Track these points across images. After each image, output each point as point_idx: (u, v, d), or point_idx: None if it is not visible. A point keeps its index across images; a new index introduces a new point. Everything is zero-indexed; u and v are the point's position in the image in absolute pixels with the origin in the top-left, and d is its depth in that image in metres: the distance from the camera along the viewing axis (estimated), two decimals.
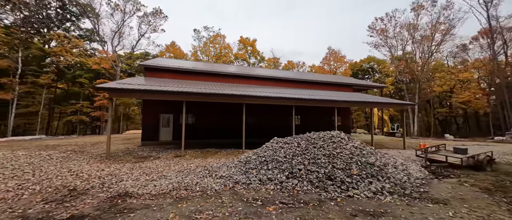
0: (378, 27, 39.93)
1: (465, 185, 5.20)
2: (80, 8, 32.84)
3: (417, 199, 4.18)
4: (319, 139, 6.42)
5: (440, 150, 9.34)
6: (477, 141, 22.63)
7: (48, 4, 32.25)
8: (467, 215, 3.44)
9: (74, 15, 33.16)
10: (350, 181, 4.75)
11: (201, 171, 6.21)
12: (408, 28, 36.05)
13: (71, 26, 35.56)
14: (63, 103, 32.25)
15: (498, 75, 28.14)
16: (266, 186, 4.92)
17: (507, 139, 23.26)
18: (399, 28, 37.43)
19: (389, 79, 45.55)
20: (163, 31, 39.40)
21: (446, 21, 33.35)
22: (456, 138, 26.89)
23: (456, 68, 39.49)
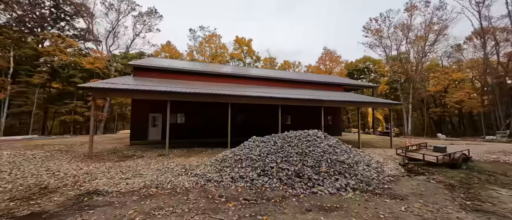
0: (373, 27, 40.22)
1: (431, 182, 5.33)
2: (74, 8, 32.72)
3: (377, 195, 4.30)
4: (294, 138, 6.53)
5: (421, 149, 9.50)
6: (467, 140, 22.86)
7: (41, 3, 32.06)
8: (418, 210, 3.57)
9: (68, 14, 33.00)
10: (317, 178, 4.86)
11: (178, 170, 6.30)
12: (402, 28, 36.34)
13: (65, 25, 35.41)
14: (57, 103, 32.11)
15: (490, 75, 28.44)
16: (236, 184, 5.02)
17: (498, 139, 23.55)
18: (393, 29, 37.75)
19: (384, 79, 45.85)
20: (158, 31, 39.40)
21: (439, 22, 33.69)
22: (448, 137, 27.14)
23: (449, 68, 39.81)
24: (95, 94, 8.22)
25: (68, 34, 34.01)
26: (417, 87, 37.68)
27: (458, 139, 25.27)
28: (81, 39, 35.57)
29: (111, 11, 34.93)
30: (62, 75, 31.98)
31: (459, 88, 37.22)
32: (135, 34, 37.24)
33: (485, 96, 31.11)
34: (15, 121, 28.86)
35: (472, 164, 7.97)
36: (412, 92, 36.54)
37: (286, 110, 17.30)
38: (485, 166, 8.03)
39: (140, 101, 13.51)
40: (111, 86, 8.08)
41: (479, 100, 32.60)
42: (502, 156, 10.07)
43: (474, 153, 11.15)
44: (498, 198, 4.22)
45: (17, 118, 29.01)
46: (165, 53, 41.23)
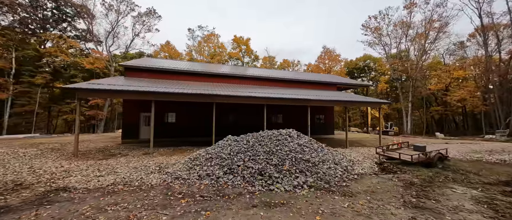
0: (372, 25, 39.77)
1: (393, 180, 5.43)
2: (74, 9, 33.40)
3: (330, 192, 4.43)
4: (266, 137, 6.68)
5: (402, 148, 9.53)
6: (466, 139, 22.58)
7: (43, 5, 32.83)
8: (360, 206, 3.70)
9: (68, 15, 33.71)
10: (278, 176, 5.02)
11: (152, 168, 6.54)
12: (401, 26, 35.84)
13: (67, 26, 36.17)
14: (60, 102, 32.94)
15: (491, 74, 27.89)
16: (202, 182, 5.22)
17: (497, 138, 23.16)
18: (392, 26, 37.27)
19: (385, 77, 45.37)
20: (157, 31, 39.90)
21: (440, 19, 33.10)
22: (446, 136, 26.80)
23: (450, 66, 39.12)
24: (79, 94, 8.51)
25: (70, 35, 34.80)
26: (417, 85, 37.17)
27: (456, 138, 24.93)
28: (82, 40, 36.33)
29: (110, 12, 35.55)
30: (64, 75, 32.79)
31: (462, 86, 36.58)
32: (134, 34, 37.83)
33: (486, 95, 30.50)
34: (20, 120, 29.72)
35: (449, 163, 7.98)
36: (412, 91, 36.09)
37: (278, 110, 17.44)
38: (464, 165, 8.03)
39: (132, 101, 13.85)
40: (94, 87, 8.37)
41: (481, 98, 32.02)
42: (487, 155, 10.01)
43: (460, 152, 11.11)
44: (448, 196, 4.30)
45: (22, 118, 29.88)
46: (165, 53, 41.70)
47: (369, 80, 51.33)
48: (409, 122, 35.44)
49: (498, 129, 25.08)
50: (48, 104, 32.95)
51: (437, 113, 41.36)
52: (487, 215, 3.41)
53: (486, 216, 3.39)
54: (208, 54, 41.20)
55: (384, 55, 40.99)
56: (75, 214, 3.34)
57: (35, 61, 29.49)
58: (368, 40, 41.03)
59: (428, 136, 30.02)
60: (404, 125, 36.57)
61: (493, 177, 6.22)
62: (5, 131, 24.08)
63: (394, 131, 32.23)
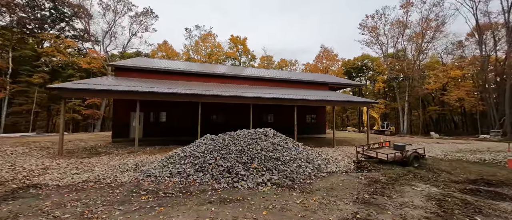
0: (369, 24, 39.73)
1: (360, 178, 5.55)
2: (71, 9, 33.67)
3: (291, 189, 4.56)
4: (241, 136, 6.81)
5: (384, 147, 9.62)
6: (460, 139, 22.61)
7: (41, 5, 33.12)
8: (312, 202, 3.82)
9: (66, 16, 33.97)
10: (244, 174, 5.15)
11: (129, 166, 6.70)
12: (398, 25, 35.78)
13: (65, 26, 36.44)
14: (58, 101, 33.24)
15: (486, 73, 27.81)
16: (172, 179, 5.36)
17: (490, 137, 23.13)
18: (389, 26, 37.20)
19: (382, 77, 45.30)
20: (155, 31, 40.13)
21: (437, 18, 32.99)
22: (441, 136, 26.78)
23: (448, 65, 39.00)
24: (64, 94, 8.69)
25: (68, 34, 35.10)
26: (414, 85, 37.10)
27: (450, 138, 24.92)
28: (80, 40, 36.62)
29: (108, 11, 35.81)
30: (63, 74, 33.09)
31: (460, 86, 36.46)
32: (131, 34, 38.09)
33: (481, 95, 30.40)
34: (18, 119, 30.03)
35: (425, 161, 8.07)
36: (409, 90, 36.05)
37: (269, 109, 17.55)
38: (441, 163, 8.12)
39: (122, 101, 14.03)
40: (77, 87, 8.54)
41: (477, 98, 31.91)
42: (469, 154, 10.07)
43: (444, 151, 11.17)
44: (404, 193, 4.40)
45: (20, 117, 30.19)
46: (162, 53, 41.91)
47: (367, 80, 51.29)
48: (405, 121, 35.42)
49: (493, 129, 25.03)
50: (47, 103, 33.27)
51: (435, 113, 41.28)
52: (429, 211, 3.51)
53: (428, 211, 3.50)
54: (205, 53, 41.34)
55: (382, 55, 40.96)
56: (34, 209, 3.49)
57: (32, 61, 29.78)
58: (365, 39, 41.02)
59: (423, 136, 30.00)
60: (401, 125, 36.56)
61: (463, 176, 6.31)
62: (2, 129, 24.40)
63: (391, 130, 32.21)
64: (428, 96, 41.53)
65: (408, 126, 36.65)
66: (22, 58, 28.85)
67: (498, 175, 6.36)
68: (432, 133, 28.12)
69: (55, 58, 31.88)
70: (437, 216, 3.34)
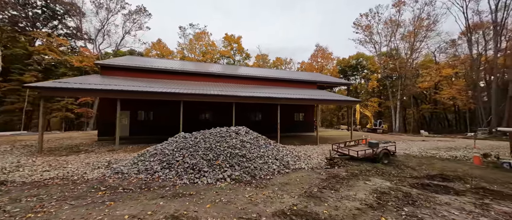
0: (363, 23, 39.92)
1: (321, 174, 5.74)
2: (63, 7, 33.47)
3: (248, 184, 4.76)
4: (213, 134, 6.97)
5: (359, 144, 9.84)
6: (447, 137, 22.98)
7: (33, 3, 32.89)
8: (261, 196, 4.01)
9: (58, 14, 33.78)
10: (207, 170, 5.32)
11: (102, 164, 6.85)
12: (391, 24, 35.99)
13: (58, 24, 36.23)
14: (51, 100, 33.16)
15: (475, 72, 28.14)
16: (139, 176, 5.52)
17: (478, 135, 23.47)
18: (382, 25, 37.42)
19: (375, 75, 45.60)
20: (148, 29, 40.05)
21: (429, 17, 33.24)
22: (430, 134, 27.15)
23: (440, 64, 39.35)
24: (42, 93, 8.78)
25: (61, 33, 34.94)
26: (406, 83, 37.43)
27: (439, 136, 25.29)
28: (73, 38, 36.45)
29: (100, 10, 35.65)
30: (56, 73, 32.98)
31: (452, 84, 36.83)
32: (124, 32, 37.97)
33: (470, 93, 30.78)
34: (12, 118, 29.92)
35: (395, 158, 8.30)
36: (401, 89, 36.37)
37: (257, 108, 17.71)
38: (412, 160, 8.37)
39: (108, 99, 14.10)
40: (56, 86, 8.64)
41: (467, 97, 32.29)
42: (444, 152, 10.32)
43: (422, 149, 11.42)
44: (354, 187, 4.60)
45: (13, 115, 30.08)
46: (156, 51, 41.83)
47: (361, 78, 51.58)
48: (398, 120, 35.78)
49: (480, 127, 25.40)
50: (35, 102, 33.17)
51: (427, 111, 41.70)
52: (365, 203, 3.71)
53: (363, 203, 3.70)
54: (199, 52, 41.33)
55: (375, 53, 41.21)
56: None
57: (24, 59, 29.65)
58: (359, 38, 41.24)
59: (414, 134, 30.37)
60: (393, 123, 36.93)
61: (425, 171, 6.54)
62: None
63: (383, 129, 32.52)
64: (421, 94, 41.93)
65: (400, 124, 37.03)
66: (14, 57, 28.70)
67: (458, 171, 6.60)
68: (422, 131, 28.48)
69: (47, 57, 31.72)
70: (369, 208, 3.54)
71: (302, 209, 3.43)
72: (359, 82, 52.23)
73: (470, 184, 5.19)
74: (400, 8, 33.62)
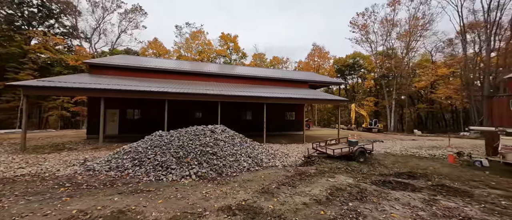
0: (359, 22, 39.87)
1: (289, 171, 5.84)
2: (59, 6, 33.53)
3: (211, 181, 4.88)
4: (188, 132, 7.08)
5: (340, 143, 9.94)
6: (439, 136, 23.06)
7: (29, 2, 32.96)
8: (218, 192, 4.12)
9: (53, 12, 33.85)
10: (174, 167, 5.43)
11: (78, 161, 6.97)
12: (386, 23, 35.96)
13: (55, 23, 36.29)
14: (47, 98, 33.33)
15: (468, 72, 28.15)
16: (109, 173, 5.62)
17: (469, 135, 23.53)
18: (378, 24, 37.39)
19: (371, 75, 45.63)
20: (144, 28, 40.07)
21: (424, 16, 33.20)
22: (423, 134, 27.22)
23: (435, 63, 39.32)
24: (26, 91, 8.89)
25: (57, 31, 35.01)
26: (402, 82, 37.43)
27: (431, 135, 25.37)
28: (69, 37, 36.54)
29: (96, 8, 35.70)
30: (52, 71, 33.11)
31: (448, 84, 36.82)
32: (120, 31, 38.01)
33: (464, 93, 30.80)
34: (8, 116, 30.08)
35: (371, 156, 8.39)
36: (396, 88, 36.39)
37: (247, 107, 17.80)
38: (389, 158, 8.47)
39: (95, 98, 14.20)
40: (38, 84, 8.75)
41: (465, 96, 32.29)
42: (425, 151, 10.41)
43: (405, 147, 11.51)
44: (314, 184, 4.69)
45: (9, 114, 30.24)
46: (153, 50, 41.90)
47: (358, 78, 51.58)
48: (393, 119, 35.83)
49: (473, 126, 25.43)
50: (37, 101, 33.33)
51: (423, 111, 41.73)
52: (314, 199, 3.81)
53: (312, 199, 3.80)
54: (195, 51, 41.38)
55: (371, 53, 41.19)
56: None
57: (19, 58, 29.76)
58: (356, 37, 41.21)
59: (407, 133, 30.42)
60: (388, 122, 36.98)
61: (396, 169, 6.63)
62: None
63: (378, 128, 32.55)
64: (416, 93, 41.95)
65: (396, 123, 37.08)
66: (9, 55, 28.80)
67: (428, 169, 6.69)
68: (415, 130, 28.53)
69: (43, 55, 31.83)
70: (316, 203, 3.64)
71: (249, 204, 3.54)
72: (356, 81, 52.29)
73: (432, 181, 5.28)
74: (396, 8, 33.60)
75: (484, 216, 3.31)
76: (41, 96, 33.96)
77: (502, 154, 6.24)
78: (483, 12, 24.14)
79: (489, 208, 3.62)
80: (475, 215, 3.33)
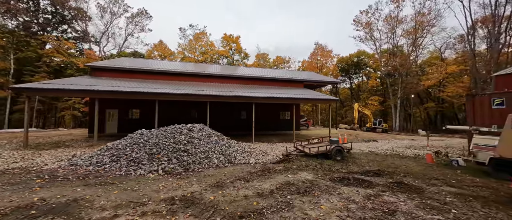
0: (363, 20, 39.10)
1: (256, 167, 6.07)
2: (71, 12, 35.46)
3: (175, 176, 5.22)
4: (166, 131, 7.47)
5: (323, 142, 9.99)
6: (443, 137, 22.33)
7: (44, 9, 35.12)
8: (174, 185, 4.44)
9: (66, 18, 35.84)
10: (145, 163, 5.82)
11: (67, 157, 7.55)
12: (390, 21, 35.03)
13: (67, 28, 38.42)
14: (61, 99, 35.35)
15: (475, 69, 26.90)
16: (89, 167, 6.10)
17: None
18: (382, 21, 36.50)
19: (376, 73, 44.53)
20: (150, 31, 41.47)
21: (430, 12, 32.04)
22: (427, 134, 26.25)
23: (445, 61, 37.74)
24: (28, 93, 9.67)
25: (70, 36, 37.09)
26: (408, 81, 36.30)
27: (435, 135, 24.50)
28: (80, 41, 38.56)
29: (105, 13, 37.42)
30: (64, 74, 35.13)
31: (460, 81, 35.30)
32: (127, 34, 39.59)
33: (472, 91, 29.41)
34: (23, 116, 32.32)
35: (348, 155, 8.42)
36: (402, 87, 35.35)
37: (241, 107, 18.09)
38: (367, 157, 8.46)
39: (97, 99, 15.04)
40: (37, 86, 9.51)
41: None
42: (412, 150, 10.25)
43: (392, 147, 11.38)
44: (269, 180, 4.89)
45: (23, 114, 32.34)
46: (158, 52, 43.26)
47: (363, 76, 50.45)
48: (398, 118, 34.85)
49: None
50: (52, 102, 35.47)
51: (432, 110, 40.20)
52: (257, 192, 4.04)
53: (255, 192, 4.02)
54: (198, 52, 42.26)
55: (376, 51, 40.25)
56: None
57: (35, 62, 31.82)
58: (360, 35, 40.44)
59: (412, 133, 29.51)
60: (393, 122, 36.00)
61: (367, 167, 6.67)
62: (6, 125, 26.42)
63: (383, 127, 31.83)
64: (424, 92, 40.46)
65: (401, 123, 36.03)
66: (26, 59, 30.85)
67: (401, 167, 6.68)
68: (420, 130, 27.63)
69: (57, 59, 33.78)
70: (257, 195, 3.87)
71: (194, 196, 3.82)
72: (361, 80, 51.16)
73: (393, 179, 5.32)
74: (400, 4, 32.65)
75: (413, 210, 3.39)
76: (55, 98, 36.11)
77: (473, 153, 6.11)
78: (491, 7, 22.98)
79: (427, 204, 3.69)
80: (405, 209, 3.42)
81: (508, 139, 4.12)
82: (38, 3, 33.00)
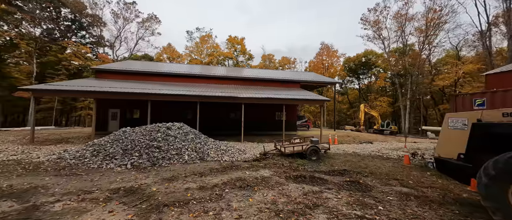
0: (371, 18, 37.91)
1: (222, 164, 6.30)
2: (88, 19, 38.08)
3: (138, 170, 5.58)
4: (146, 129, 7.94)
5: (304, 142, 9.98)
6: None
7: (65, 17, 38.10)
8: (131, 177, 4.80)
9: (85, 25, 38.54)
10: (118, 158, 6.28)
11: (59, 151, 8.28)
12: (399, 19, 33.65)
13: (86, 34, 41.27)
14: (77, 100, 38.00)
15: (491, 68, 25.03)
16: (71, 161, 6.69)
17: None
18: (390, 19, 35.17)
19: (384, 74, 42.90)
20: (159, 34, 43.26)
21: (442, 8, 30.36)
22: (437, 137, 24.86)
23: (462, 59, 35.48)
24: (34, 94, 10.69)
25: (87, 41, 39.88)
26: (419, 81, 34.61)
27: None
28: (96, 45, 41.25)
29: (118, 19, 39.73)
30: (81, 76, 37.78)
31: (478, 81, 33.05)
32: (138, 37, 41.65)
33: None
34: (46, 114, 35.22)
35: (324, 155, 8.37)
36: (412, 88, 33.76)
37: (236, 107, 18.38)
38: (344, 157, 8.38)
39: (101, 99, 16.11)
40: (41, 88, 10.49)
41: None
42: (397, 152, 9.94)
43: (383, 148, 11.03)
44: (221, 175, 5.11)
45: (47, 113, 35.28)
46: (167, 55, 45.02)
47: (371, 76, 48.74)
48: (406, 120, 33.31)
49: None
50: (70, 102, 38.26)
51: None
52: (201, 185, 4.27)
53: (199, 186, 4.26)
54: (204, 54, 43.36)
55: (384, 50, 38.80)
56: None
57: (55, 65, 34.54)
58: (367, 34, 39.22)
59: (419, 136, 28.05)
60: (402, 124, 34.43)
61: (336, 167, 6.63)
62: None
63: (391, 130, 30.61)
64: (438, 93, 38.30)
65: (411, 125, 34.37)
66: (48, 63, 33.59)
67: (371, 168, 6.57)
68: (429, 133, 26.18)
69: (75, 63, 36.40)
70: (199, 189, 4.10)
71: (140, 188, 4.14)
72: (370, 80, 49.47)
73: (351, 178, 5.30)
74: (409, 0, 31.27)
75: (338, 205, 3.44)
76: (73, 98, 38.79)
77: None
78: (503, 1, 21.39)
79: (360, 201, 3.70)
80: (332, 204, 3.48)
81: (445, 139, 4.00)
82: (60, 11, 35.86)
